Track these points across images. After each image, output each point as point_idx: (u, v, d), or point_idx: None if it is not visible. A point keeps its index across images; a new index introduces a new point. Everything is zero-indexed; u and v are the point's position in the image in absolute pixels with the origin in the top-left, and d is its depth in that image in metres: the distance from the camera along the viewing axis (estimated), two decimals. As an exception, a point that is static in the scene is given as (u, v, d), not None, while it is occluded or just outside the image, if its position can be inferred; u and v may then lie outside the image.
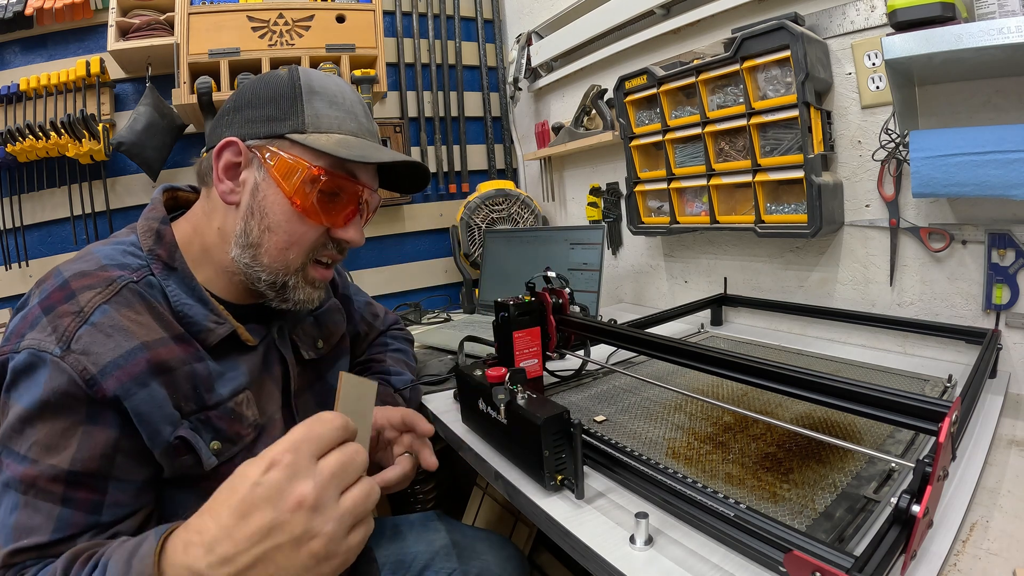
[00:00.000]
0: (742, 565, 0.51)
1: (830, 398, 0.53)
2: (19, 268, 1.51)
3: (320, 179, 0.62)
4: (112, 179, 1.58)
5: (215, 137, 0.66)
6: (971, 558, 0.50)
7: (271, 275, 0.65)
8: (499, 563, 0.90)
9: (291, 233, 0.64)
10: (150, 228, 0.64)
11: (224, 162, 0.64)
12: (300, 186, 0.62)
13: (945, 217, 0.94)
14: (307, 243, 0.65)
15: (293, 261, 0.65)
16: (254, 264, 0.64)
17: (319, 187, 0.63)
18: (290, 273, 0.66)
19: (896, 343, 1.04)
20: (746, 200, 1.19)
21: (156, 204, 0.68)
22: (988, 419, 0.73)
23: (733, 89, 1.14)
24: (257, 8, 1.50)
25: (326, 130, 0.64)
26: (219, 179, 0.64)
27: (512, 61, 1.92)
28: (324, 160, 0.63)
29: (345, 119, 0.66)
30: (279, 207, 0.63)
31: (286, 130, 0.63)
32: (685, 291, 1.51)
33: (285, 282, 0.66)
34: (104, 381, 0.52)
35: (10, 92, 1.42)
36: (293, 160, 0.62)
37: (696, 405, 0.85)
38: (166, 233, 0.64)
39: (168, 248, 0.63)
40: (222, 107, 0.68)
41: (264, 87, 0.65)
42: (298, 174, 0.62)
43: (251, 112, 0.64)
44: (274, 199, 0.63)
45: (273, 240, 0.64)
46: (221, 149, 0.63)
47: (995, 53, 0.72)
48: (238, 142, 0.63)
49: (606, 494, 0.65)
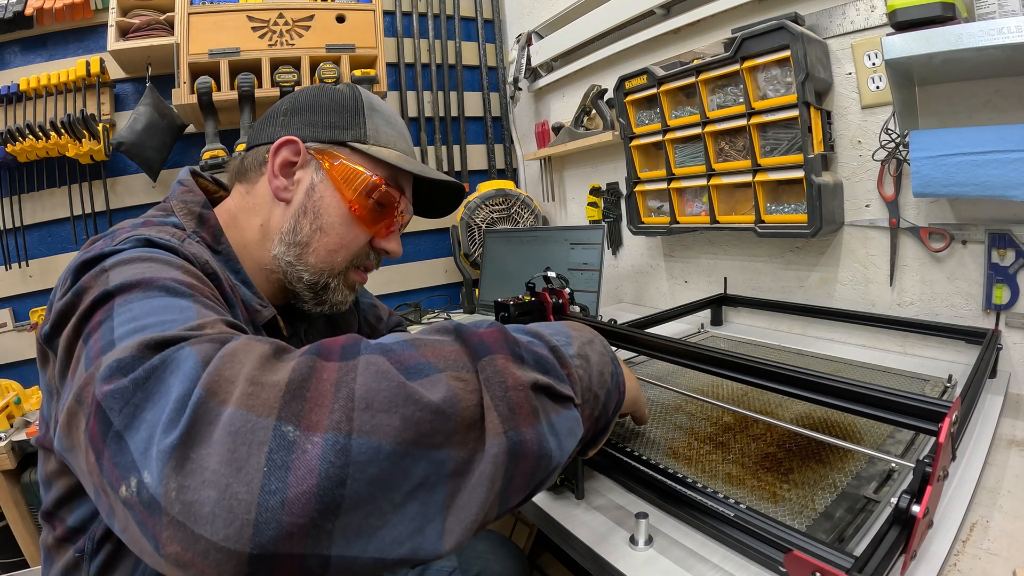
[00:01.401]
0: (742, 565, 0.51)
1: (830, 398, 0.53)
2: (19, 268, 1.51)
3: (379, 188, 0.65)
4: (112, 179, 1.58)
5: (264, 135, 0.66)
6: (971, 558, 0.50)
7: (314, 275, 0.65)
8: (499, 563, 0.90)
9: (343, 236, 0.66)
10: (191, 211, 0.62)
11: (282, 159, 0.64)
12: (359, 193, 0.65)
13: (945, 217, 0.94)
14: (354, 248, 0.67)
15: (339, 264, 0.66)
16: (297, 263, 0.65)
17: (377, 196, 0.65)
18: (334, 275, 0.67)
19: (896, 343, 1.04)
20: (746, 200, 1.19)
21: (191, 186, 0.65)
22: (988, 419, 0.73)
23: (733, 89, 1.14)
24: (257, 8, 1.50)
25: (384, 144, 0.67)
26: (274, 174, 0.64)
27: (512, 61, 1.92)
28: (384, 171, 0.66)
29: (399, 138, 0.70)
30: (335, 210, 0.65)
31: (348, 138, 0.65)
32: (685, 291, 1.51)
33: (327, 283, 0.67)
34: (219, 284, 0.53)
35: (10, 92, 1.42)
36: (354, 167, 0.64)
37: (696, 405, 0.85)
38: (209, 217, 0.63)
39: (212, 231, 0.62)
40: (273, 108, 0.69)
41: (324, 95, 0.67)
42: (359, 181, 0.64)
43: (311, 116, 0.65)
44: (331, 201, 0.64)
45: (324, 241, 0.65)
46: (280, 146, 0.64)
47: (995, 53, 0.72)
48: (298, 141, 0.64)
49: (606, 494, 0.65)
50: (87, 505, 0.50)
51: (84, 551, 0.49)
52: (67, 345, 0.42)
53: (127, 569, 0.49)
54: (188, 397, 0.32)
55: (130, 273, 0.44)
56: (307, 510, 0.29)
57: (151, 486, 0.29)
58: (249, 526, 0.28)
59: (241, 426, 0.30)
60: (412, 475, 0.32)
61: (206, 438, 0.30)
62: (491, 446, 0.34)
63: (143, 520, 0.30)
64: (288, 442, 0.30)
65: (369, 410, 0.32)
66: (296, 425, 0.31)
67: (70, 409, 0.36)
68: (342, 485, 0.30)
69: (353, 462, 0.30)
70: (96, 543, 0.49)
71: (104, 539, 0.49)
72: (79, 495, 0.50)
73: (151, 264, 0.46)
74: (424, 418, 0.32)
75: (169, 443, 0.30)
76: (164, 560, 0.29)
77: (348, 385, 0.33)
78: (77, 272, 0.46)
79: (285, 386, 0.32)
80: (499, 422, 0.35)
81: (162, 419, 0.31)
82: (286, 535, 0.28)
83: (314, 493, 0.29)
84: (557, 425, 0.39)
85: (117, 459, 0.32)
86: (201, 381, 0.32)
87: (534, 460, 0.37)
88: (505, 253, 1.68)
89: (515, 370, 0.38)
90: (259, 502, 0.28)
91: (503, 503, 0.37)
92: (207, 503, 0.28)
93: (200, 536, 0.28)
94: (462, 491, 0.33)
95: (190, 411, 0.31)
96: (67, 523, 0.51)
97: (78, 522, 0.50)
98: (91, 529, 0.50)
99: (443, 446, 0.33)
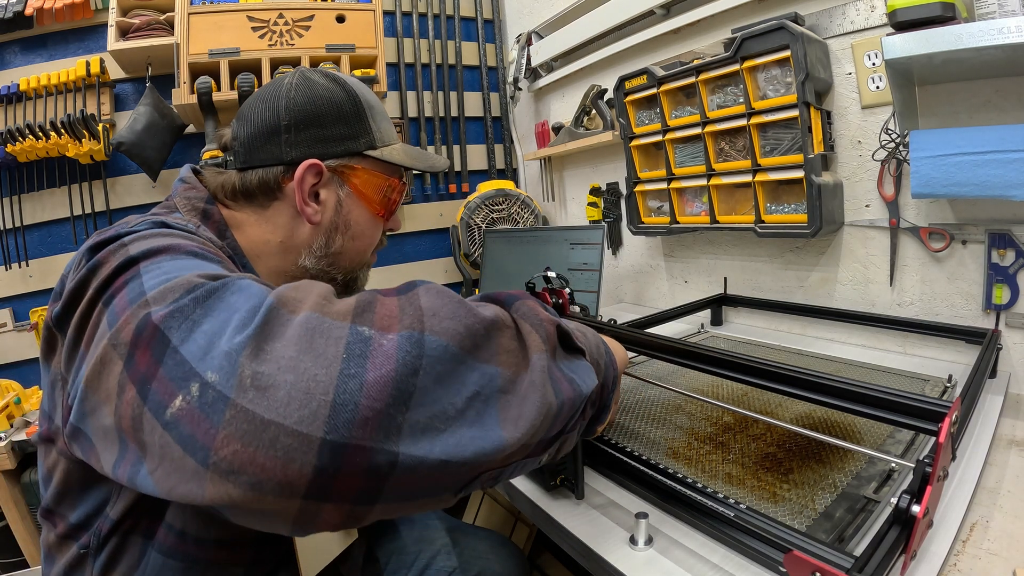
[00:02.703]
0: (742, 565, 0.51)
1: (830, 398, 0.53)
2: (19, 268, 1.51)
3: (396, 188, 0.71)
4: (112, 179, 1.58)
5: (266, 155, 0.63)
6: (971, 558, 0.50)
7: (347, 273, 0.71)
8: (499, 563, 0.90)
9: (372, 236, 0.71)
10: (195, 207, 0.62)
11: (308, 188, 0.64)
12: (381, 196, 0.69)
13: (945, 217, 0.94)
14: (376, 240, 0.73)
15: (368, 258, 0.73)
16: (331, 268, 0.69)
17: (393, 194, 0.71)
18: (363, 266, 0.73)
19: (896, 343, 1.04)
20: (746, 200, 1.19)
21: (193, 183, 0.64)
22: (988, 419, 0.73)
23: (733, 89, 1.14)
24: (257, 8, 1.50)
25: (389, 141, 0.70)
26: (305, 203, 0.64)
27: (512, 61, 1.92)
28: (394, 170, 0.70)
29: (392, 128, 0.72)
30: (364, 218, 0.69)
31: (362, 147, 0.67)
32: (685, 291, 1.51)
33: (357, 276, 0.73)
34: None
35: (10, 92, 1.42)
36: (376, 177, 0.68)
37: (696, 405, 0.85)
38: (213, 212, 0.62)
39: (217, 226, 0.62)
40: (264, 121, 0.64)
41: (324, 104, 0.64)
42: (382, 188, 0.69)
43: (318, 132, 0.64)
44: (359, 213, 0.68)
45: (355, 246, 0.70)
46: (304, 172, 0.63)
47: (995, 53, 0.72)
48: (320, 164, 0.64)
49: (606, 494, 0.65)
50: (90, 501, 0.50)
51: (89, 547, 0.49)
52: (81, 318, 0.41)
53: (132, 563, 0.49)
54: (258, 308, 0.32)
55: (153, 242, 0.43)
56: (383, 394, 0.30)
57: (218, 383, 0.29)
58: (326, 407, 0.28)
59: (317, 325, 0.32)
60: (469, 383, 0.34)
61: (281, 334, 0.31)
62: (536, 360, 0.38)
63: (193, 431, 0.29)
64: (365, 337, 0.32)
65: (436, 316, 0.34)
66: (371, 327, 0.33)
67: (101, 358, 0.35)
68: (415, 375, 0.31)
69: (427, 355, 0.32)
70: (101, 539, 0.49)
71: (110, 534, 0.49)
72: (80, 489, 0.50)
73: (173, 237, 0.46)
74: (479, 330, 0.35)
75: (242, 339, 0.30)
76: (211, 472, 0.28)
77: (414, 303, 0.35)
78: (92, 250, 0.44)
79: (355, 303, 0.35)
80: (540, 341, 0.39)
81: (229, 326, 0.32)
82: (361, 420, 0.29)
83: (391, 378, 0.30)
84: (577, 366, 0.43)
85: (172, 373, 0.31)
86: (272, 295, 0.34)
87: (568, 384, 0.40)
88: (505, 253, 1.68)
89: (542, 310, 0.42)
90: (338, 384, 0.29)
91: (557, 417, 0.38)
92: (283, 386, 0.29)
93: (270, 422, 0.28)
94: (513, 404, 0.35)
95: (263, 313, 0.32)
96: (69, 520, 0.51)
97: (81, 518, 0.50)
98: (96, 525, 0.49)
99: (492, 361, 0.35)
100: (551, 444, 0.40)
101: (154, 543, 0.49)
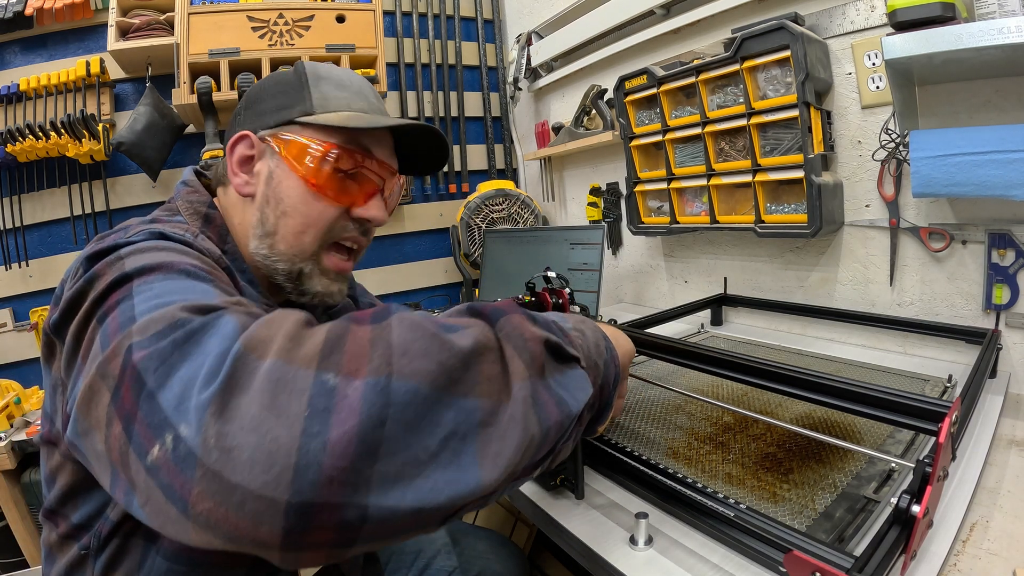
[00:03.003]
0: (742, 565, 0.51)
1: (830, 398, 0.53)
2: (19, 268, 1.51)
3: (332, 155, 0.61)
4: (112, 179, 1.58)
5: (228, 138, 0.66)
6: (971, 558, 0.50)
7: (287, 263, 0.63)
8: (499, 563, 0.90)
9: (307, 215, 0.63)
10: (196, 211, 0.62)
11: (238, 156, 0.64)
12: (314, 165, 0.61)
13: (945, 217, 0.94)
14: (323, 224, 0.63)
15: (309, 245, 0.63)
16: (272, 254, 0.63)
17: (334, 164, 0.62)
18: (305, 259, 0.64)
19: (896, 343, 1.04)
20: (746, 200, 1.19)
21: (196, 186, 0.65)
22: (988, 419, 0.73)
23: (733, 89, 1.14)
24: (257, 8, 1.50)
25: (335, 109, 0.63)
26: (234, 173, 0.64)
27: (512, 61, 1.92)
28: (337, 137, 0.62)
29: (354, 98, 0.65)
30: (294, 190, 0.62)
31: (296, 115, 0.62)
32: (685, 291, 1.51)
33: (300, 270, 0.64)
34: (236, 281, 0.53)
35: (10, 92, 1.42)
36: (305, 141, 0.61)
37: (696, 405, 0.85)
38: (215, 216, 0.63)
39: (219, 231, 0.62)
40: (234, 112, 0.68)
41: (271, 83, 0.66)
42: (310, 153, 0.61)
43: (260, 106, 0.65)
44: (288, 183, 0.62)
45: (289, 224, 0.62)
46: (234, 144, 0.64)
47: (995, 53, 0.72)
48: (250, 134, 0.63)
49: (606, 494, 0.65)
50: (92, 501, 0.50)
51: (89, 548, 0.49)
52: (77, 330, 0.41)
53: (134, 564, 0.49)
54: (227, 353, 0.32)
55: (148, 259, 0.43)
56: (348, 452, 0.29)
57: (188, 438, 0.29)
58: (289, 470, 0.28)
59: (281, 376, 0.31)
60: (444, 422, 0.32)
61: (246, 387, 0.30)
62: (518, 390, 0.36)
63: (171, 481, 0.29)
64: (329, 388, 0.30)
65: (407, 356, 0.33)
66: (336, 373, 0.31)
67: (91, 386, 0.35)
68: (381, 426, 0.30)
69: (393, 403, 0.31)
70: (102, 540, 0.49)
71: (111, 535, 0.49)
72: (83, 491, 0.50)
73: (168, 252, 0.46)
74: (455, 365, 0.33)
75: (209, 393, 0.30)
76: (192, 523, 0.29)
77: (385, 339, 0.34)
78: (90, 260, 0.45)
79: (323, 343, 0.33)
80: (523, 368, 0.37)
81: (201, 374, 0.31)
82: (326, 480, 0.28)
83: (355, 433, 0.29)
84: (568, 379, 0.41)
85: (150, 419, 0.31)
86: (240, 338, 0.33)
87: (555, 407, 0.38)
88: (505, 253, 1.68)
89: (530, 326, 0.40)
90: (300, 445, 0.28)
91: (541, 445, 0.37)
92: (246, 448, 0.28)
93: (237, 485, 0.28)
94: (494, 440, 0.34)
95: (229, 363, 0.31)
96: (71, 520, 0.51)
97: (83, 519, 0.50)
98: (97, 526, 0.49)
99: (470, 394, 0.34)
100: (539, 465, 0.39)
101: (157, 547, 0.49)
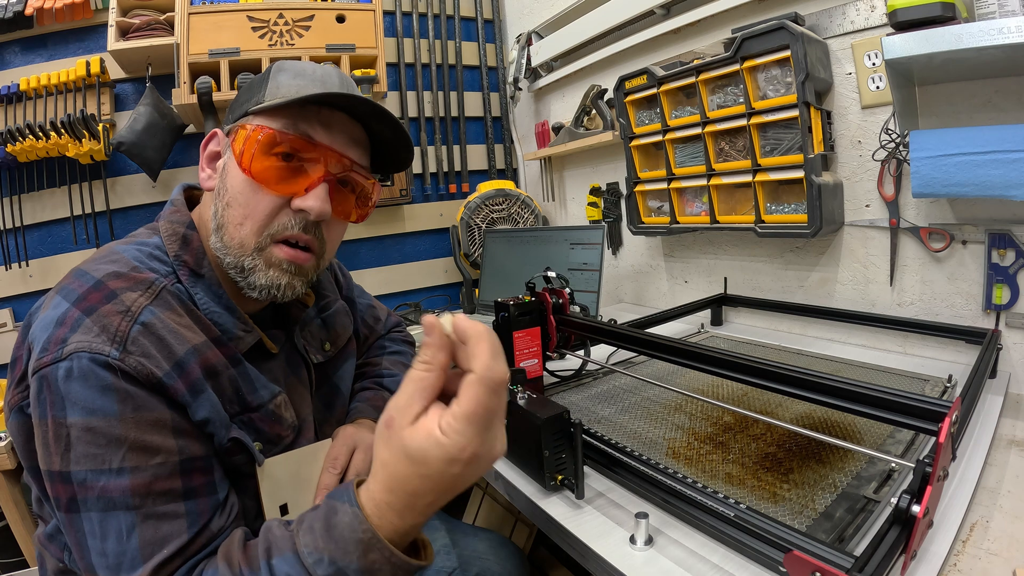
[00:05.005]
0: (742, 565, 0.51)
1: (830, 398, 0.53)
2: (19, 268, 1.51)
3: (262, 137, 0.58)
4: (112, 179, 1.58)
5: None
6: (971, 558, 0.50)
7: (233, 256, 0.60)
8: (499, 563, 0.90)
9: (245, 205, 0.59)
10: (175, 232, 0.62)
11: (208, 152, 0.65)
12: (252, 153, 0.58)
13: (945, 217, 0.94)
14: (260, 216, 0.59)
15: (247, 238, 0.59)
16: (223, 249, 0.60)
17: (270, 150, 0.58)
18: (247, 253, 0.59)
19: (896, 343, 1.04)
20: (746, 200, 1.19)
21: (179, 206, 0.65)
22: (988, 419, 0.73)
23: (733, 89, 1.14)
24: (257, 8, 1.50)
25: (283, 96, 0.60)
26: (202, 168, 0.65)
27: (512, 61, 1.92)
28: (280, 121, 0.59)
29: (309, 85, 0.61)
30: (237, 179, 0.59)
31: (251, 106, 0.61)
32: (685, 291, 1.51)
33: (242, 264, 0.59)
34: (172, 384, 0.50)
35: (10, 92, 1.42)
36: (248, 130, 0.59)
37: (696, 405, 0.85)
38: (193, 239, 0.62)
39: (195, 254, 0.61)
40: None
41: (245, 83, 0.68)
42: (247, 139, 0.58)
43: (233, 104, 0.66)
44: (233, 173, 0.60)
45: (230, 215, 0.59)
46: (206, 142, 0.65)
47: (995, 53, 0.72)
48: (218, 131, 0.64)
49: (606, 494, 0.65)
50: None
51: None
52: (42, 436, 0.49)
53: None
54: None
55: (76, 394, 0.47)
56: None
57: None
58: None
59: None
60: None
61: None
62: None
63: None
64: None
65: None
66: None
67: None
68: None
69: None
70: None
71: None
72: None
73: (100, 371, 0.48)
74: None
75: None
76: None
77: None
78: (35, 356, 0.49)
79: None
80: None
81: None
82: None
83: None
84: None
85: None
86: None
87: None
88: (505, 253, 1.68)
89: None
90: None
91: None
92: None
93: None
94: None
95: None
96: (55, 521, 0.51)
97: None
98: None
99: None
100: None
101: None
